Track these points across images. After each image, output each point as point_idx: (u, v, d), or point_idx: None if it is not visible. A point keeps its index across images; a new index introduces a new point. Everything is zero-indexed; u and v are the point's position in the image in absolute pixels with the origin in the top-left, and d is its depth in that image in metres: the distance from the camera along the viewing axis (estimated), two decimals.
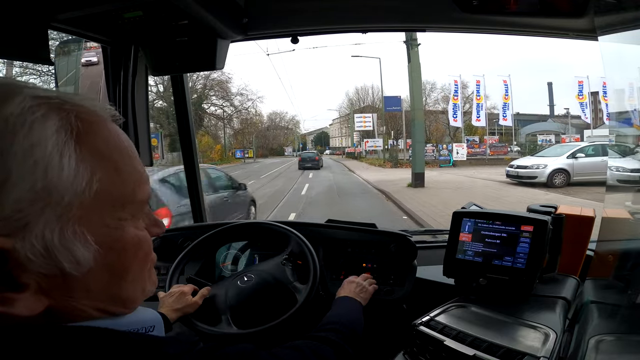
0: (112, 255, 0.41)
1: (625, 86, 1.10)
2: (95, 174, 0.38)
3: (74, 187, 0.37)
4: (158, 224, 0.50)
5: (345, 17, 1.35)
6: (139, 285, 0.46)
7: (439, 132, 36.61)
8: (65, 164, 0.36)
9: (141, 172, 0.45)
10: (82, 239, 0.38)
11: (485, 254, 1.08)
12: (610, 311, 0.93)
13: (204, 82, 37.93)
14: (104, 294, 0.42)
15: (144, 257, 0.46)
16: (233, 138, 46.74)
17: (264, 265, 1.33)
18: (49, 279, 0.37)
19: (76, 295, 0.39)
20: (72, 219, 0.37)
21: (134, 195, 0.43)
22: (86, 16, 1.13)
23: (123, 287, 0.43)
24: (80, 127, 0.38)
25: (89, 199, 0.38)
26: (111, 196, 0.40)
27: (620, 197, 1.31)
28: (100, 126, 0.41)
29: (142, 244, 0.45)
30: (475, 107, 23.03)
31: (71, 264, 0.37)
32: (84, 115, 0.40)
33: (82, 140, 0.38)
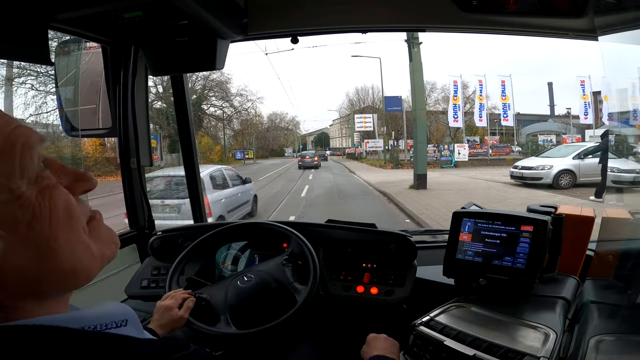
0: (21, 228, 0.36)
1: (627, 86, 1.10)
2: None
3: None
4: (82, 177, 0.44)
5: (345, 17, 1.35)
6: (80, 250, 0.40)
7: (439, 132, 36.60)
8: None
9: (10, 128, 0.38)
10: None
11: (485, 254, 1.08)
12: (610, 311, 0.93)
13: (203, 82, 37.96)
14: (39, 270, 0.38)
15: (67, 217, 0.39)
16: (233, 139, 46.76)
17: (264, 265, 1.33)
18: None
19: (10, 283, 0.36)
20: None
21: (11, 158, 0.37)
22: (86, 16, 1.14)
23: (60, 257, 0.38)
24: None
25: None
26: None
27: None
28: None
29: (54, 203, 0.39)
30: (478, 107, 23.01)
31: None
32: None
33: None
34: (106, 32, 1.33)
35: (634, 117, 1.15)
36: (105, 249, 0.44)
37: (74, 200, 0.42)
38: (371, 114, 36.74)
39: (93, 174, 0.45)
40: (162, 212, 5.69)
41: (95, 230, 0.44)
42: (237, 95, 41.98)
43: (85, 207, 0.44)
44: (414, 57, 13.19)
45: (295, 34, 1.42)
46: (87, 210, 0.44)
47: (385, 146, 32.93)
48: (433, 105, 37.71)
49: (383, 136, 34.27)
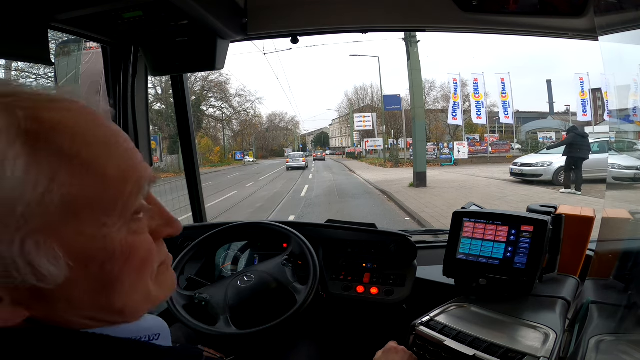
0: (93, 266, 0.36)
1: (627, 83, 1.10)
2: (56, 179, 0.33)
3: (25, 196, 0.32)
4: (171, 224, 0.46)
5: (345, 17, 1.35)
6: (138, 294, 0.41)
7: (439, 130, 36.61)
8: (9, 173, 0.31)
9: (129, 167, 0.39)
10: (48, 252, 0.34)
11: (485, 254, 1.08)
12: (610, 311, 0.93)
13: (202, 83, 38.02)
14: (91, 304, 0.38)
15: (141, 264, 0.40)
16: (232, 140, 46.78)
17: (264, 265, 1.33)
18: (21, 292, 0.34)
19: (58, 307, 0.36)
20: (34, 231, 0.33)
21: (118, 198, 0.38)
22: (86, 16, 1.13)
23: (115, 297, 0.39)
24: (35, 128, 0.34)
25: (54, 206, 0.33)
26: (87, 201, 0.35)
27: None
28: (67, 121, 0.36)
29: (136, 250, 0.39)
30: (475, 105, 23.00)
31: (37, 279, 0.33)
32: (44, 113, 0.35)
33: (36, 141, 0.33)
34: (106, 32, 1.33)
35: (634, 114, 1.15)
36: (161, 294, 0.45)
37: (154, 248, 0.43)
38: (370, 113, 36.81)
39: None
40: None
41: (162, 276, 0.45)
42: (236, 95, 42.15)
43: (163, 251, 0.46)
44: (412, 55, 13.18)
45: (295, 34, 1.42)
46: (163, 254, 0.46)
47: (385, 145, 32.97)
48: (432, 104, 37.83)
49: (383, 135, 34.29)
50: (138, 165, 0.40)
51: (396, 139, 35.02)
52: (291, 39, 1.44)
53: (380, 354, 0.97)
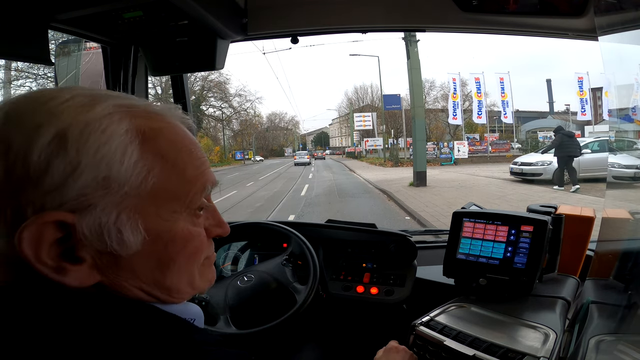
0: (159, 243, 0.45)
1: (627, 83, 1.10)
2: (152, 171, 0.44)
3: (132, 180, 0.42)
4: (221, 225, 0.56)
5: (345, 17, 1.35)
6: (185, 277, 0.49)
7: (439, 130, 36.62)
8: (126, 161, 0.42)
9: (200, 172, 0.49)
10: (133, 225, 0.42)
11: (485, 254, 1.08)
12: (610, 311, 0.93)
13: (202, 83, 38.01)
14: (148, 277, 0.46)
15: (194, 252, 0.49)
16: (232, 139, 46.77)
17: (264, 265, 1.33)
18: (102, 257, 0.42)
19: (123, 275, 0.44)
20: (129, 207, 0.42)
21: (188, 193, 0.47)
22: (86, 16, 1.13)
23: (167, 275, 0.47)
24: (146, 132, 0.44)
25: (146, 191, 0.43)
26: (166, 191, 0.45)
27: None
28: (165, 131, 0.47)
29: (192, 239, 0.48)
30: (476, 105, 23.01)
31: (119, 244, 0.42)
32: (153, 122, 0.46)
33: (146, 142, 0.44)
34: (106, 32, 1.32)
35: (633, 113, 1.15)
36: (202, 284, 0.53)
37: (206, 242, 0.52)
38: (370, 113, 36.79)
39: None
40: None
41: (205, 268, 0.54)
42: (236, 95, 42.17)
43: (211, 248, 0.55)
44: (412, 55, 13.18)
45: (295, 34, 1.42)
46: (210, 251, 0.55)
47: (385, 144, 32.97)
48: (432, 103, 37.88)
49: (382, 134, 34.28)
50: (206, 170, 0.50)
51: (396, 139, 35.01)
52: (291, 39, 1.44)
53: (381, 353, 0.97)
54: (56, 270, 0.40)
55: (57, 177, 0.39)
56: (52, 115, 0.41)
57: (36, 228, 0.38)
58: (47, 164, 0.39)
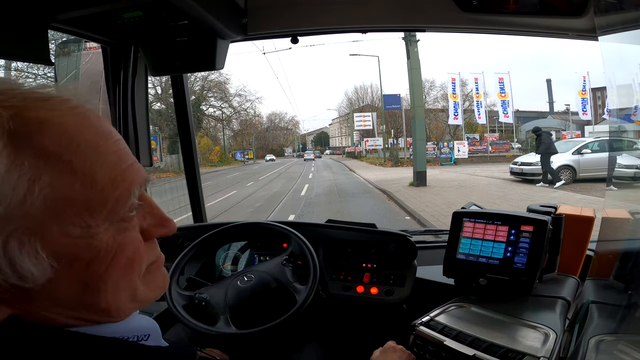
0: (78, 265, 0.36)
1: (627, 83, 1.10)
2: (39, 180, 0.33)
3: (7, 196, 0.32)
4: (164, 223, 0.45)
5: (345, 17, 1.35)
6: (124, 293, 0.41)
7: (439, 130, 36.62)
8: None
9: (120, 172, 0.39)
10: (31, 253, 0.33)
11: (485, 254, 1.08)
12: (610, 311, 0.93)
13: (201, 83, 38.04)
14: (75, 303, 0.38)
15: (128, 264, 0.40)
16: (232, 139, 46.79)
17: (264, 265, 1.33)
18: (2, 290, 0.34)
19: (42, 305, 0.36)
20: (17, 231, 0.33)
21: (106, 201, 0.37)
22: (86, 16, 1.13)
23: (100, 297, 0.38)
24: (18, 128, 0.33)
25: (37, 208, 0.33)
26: (72, 203, 0.35)
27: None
28: (53, 122, 0.35)
29: (123, 249, 0.39)
30: (476, 105, 23.00)
31: (19, 277, 0.33)
32: (32, 112, 0.35)
33: (19, 142, 0.33)
34: (106, 32, 1.32)
35: (634, 113, 1.15)
36: (150, 294, 0.44)
37: (143, 248, 0.42)
38: (370, 113, 36.78)
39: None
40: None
41: (151, 275, 0.45)
42: (236, 95, 42.20)
43: (154, 251, 0.46)
44: (412, 54, 13.18)
45: (295, 34, 1.42)
46: (154, 255, 0.45)
47: (385, 144, 32.97)
48: (432, 103, 37.88)
49: (382, 134, 34.27)
50: (128, 169, 0.40)
51: (396, 139, 34.99)
52: (291, 39, 1.44)
53: (378, 353, 0.97)
54: None
55: None
56: None
57: None
58: None
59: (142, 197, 0.44)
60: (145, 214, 0.44)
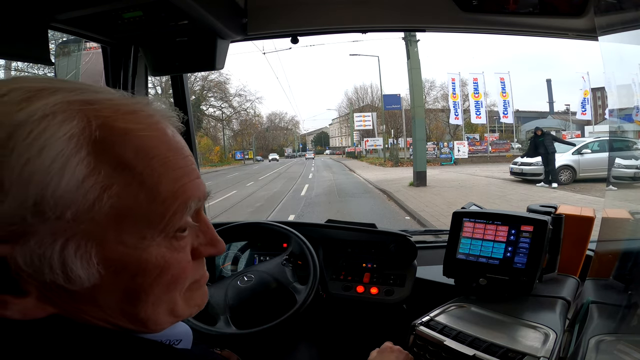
0: (124, 275, 0.37)
1: (627, 83, 1.10)
2: (110, 189, 0.35)
3: (78, 202, 0.33)
4: (213, 244, 0.46)
5: (345, 17, 1.35)
6: (164, 307, 0.41)
7: (439, 130, 36.65)
8: (68, 178, 0.33)
9: (181, 186, 0.39)
10: (84, 257, 0.35)
11: (485, 254, 1.08)
12: (610, 311, 0.93)
13: (202, 83, 38.06)
14: (115, 310, 0.39)
15: (172, 281, 0.41)
16: (232, 139, 46.81)
17: (264, 265, 1.33)
18: (52, 289, 0.35)
19: (84, 308, 0.37)
20: (78, 235, 0.34)
21: (164, 215, 0.38)
22: (86, 16, 1.13)
23: (140, 307, 0.39)
24: (103, 136, 0.35)
25: (102, 215, 0.35)
26: (132, 213, 0.36)
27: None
28: (134, 134, 0.37)
29: (170, 267, 0.39)
30: (475, 105, 23.00)
31: (67, 279, 0.35)
32: (119, 123, 0.36)
33: (101, 151, 0.35)
34: (106, 32, 1.32)
35: (636, 113, 1.15)
36: (188, 310, 0.45)
37: (190, 267, 0.43)
38: (370, 113, 36.80)
39: None
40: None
41: (191, 293, 0.45)
42: (236, 95, 42.28)
43: (200, 270, 0.46)
44: (412, 55, 13.18)
45: (295, 34, 1.42)
46: (199, 273, 0.46)
47: (385, 144, 32.98)
48: (432, 103, 37.91)
49: (382, 134, 34.28)
50: (190, 184, 0.40)
51: (396, 139, 35.01)
52: (291, 39, 1.44)
53: (375, 353, 0.97)
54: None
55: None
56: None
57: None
58: None
59: (199, 216, 0.44)
60: (198, 233, 0.45)
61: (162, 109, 0.42)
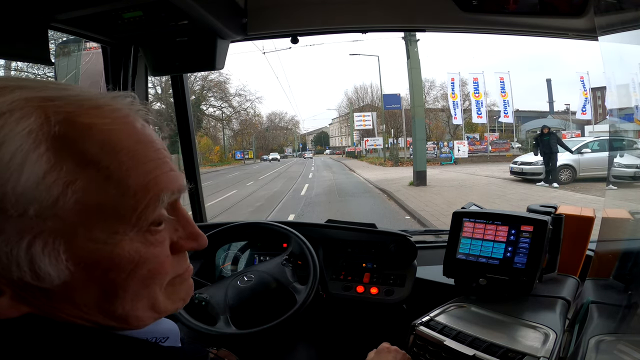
0: (96, 271, 0.36)
1: (627, 82, 1.10)
2: (73, 184, 0.34)
3: (40, 199, 0.33)
4: (194, 237, 0.45)
5: (345, 17, 1.35)
6: (143, 302, 0.41)
7: (439, 129, 36.64)
8: (27, 173, 0.33)
9: (152, 178, 0.39)
10: (52, 254, 0.34)
11: (485, 254, 1.08)
12: (610, 311, 0.93)
13: (201, 83, 38.07)
14: (91, 307, 0.38)
15: (149, 276, 0.40)
16: (232, 139, 46.83)
17: (264, 265, 1.33)
18: (24, 288, 0.35)
19: (60, 306, 0.37)
20: (43, 232, 0.34)
21: (135, 208, 0.38)
22: (86, 16, 1.13)
23: (117, 304, 0.39)
24: (64, 132, 0.35)
25: (67, 211, 0.34)
26: (100, 208, 0.36)
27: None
28: (98, 128, 0.36)
29: (145, 261, 0.39)
30: (475, 104, 23.00)
31: (36, 277, 0.34)
32: (82, 118, 0.36)
33: (62, 146, 0.34)
34: (106, 32, 1.32)
35: (636, 113, 1.15)
36: (171, 305, 0.44)
37: (169, 261, 0.42)
38: (370, 112, 36.77)
39: None
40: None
41: (174, 287, 0.45)
42: (235, 95, 42.28)
43: (182, 263, 0.45)
44: (412, 54, 13.16)
45: (295, 34, 1.42)
46: (181, 267, 0.45)
47: (385, 144, 32.96)
48: (432, 103, 37.86)
49: (382, 134, 34.27)
50: (162, 176, 0.40)
51: (396, 138, 34.99)
52: (291, 39, 1.44)
53: (372, 354, 0.97)
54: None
55: None
56: None
57: None
58: None
59: (177, 209, 0.44)
60: (177, 227, 0.44)
61: (130, 102, 0.41)
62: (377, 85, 44.88)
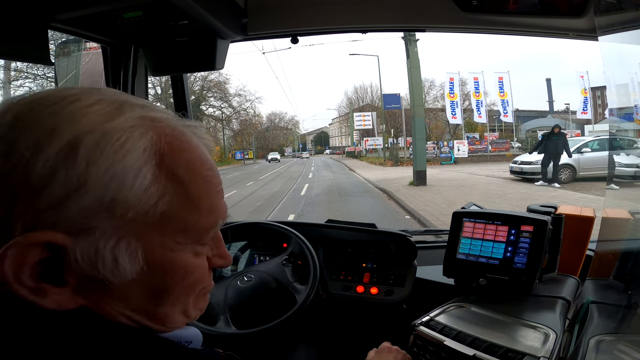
0: (157, 274, 0.41)
1: (627, 82, 1.10)
2: (164, 197, 0.40)
3: (140, 205, 0.38)
4: (223, 257, 0.51)
5: (345, 17, 1.35)
6: (179, 307, 0.46)
7: (438, 129, 36.65)
8: (138, 183, 0.38)
9: (213, 202, 0.45)
10: (132, 254, 0.39)
11: (485, 254, 1.08)
12: (610, 311, 0.93)
13: (201, 83, 38.04)
14: (139, 307, 0.42)
15: (192, 284, 0.46)
16: (232, 139, 46.80)
17: (264, 265, 1.33)
18: (89, 281, 0.38)
19: (112, 302, 0.40)
20: (131, 234, 0.39)
21: (198, 223, 0.43)
22: (86, 16, 1.13)
23: (160, 305, 0.43)
24: (166, 151, 0.40)
25: (154, 219, 0.39)
26: (175, 220, 0.41)
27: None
28: (187, 152, 0.42)
29: (193, 271, 0.45)
30: (476, 104, 22.99)
31: (112, 273, 0.38)
32: (176, 141, 0.42)
33: (164, 163, 0.40)
34: (106, 32, 1.32)
35: (636, 112, 1.15)
36: (193, 313, 0.49)
37: (207, 273, 0.48)
38: (370, 112, 36.78)
39: None
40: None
41: (200, 298, 0.50)
42: (235, 95, 42.26)
43: (210, 278, 0.51)
44: (411, 54, 13.16)
45: (295, 34, 1.42)
46: (209, 281, 0.51)
47: (385, 144, 32.96)
48: (432, 103, 37.92)
49: (382, 134, 34.27)
50: (222, 204, 0.47)
51: (396, 138, 34.97)
52: (291, 39, 1.44)
53: (372, 353, 0.97)
54: (34, 291, 0.36)
55: (58, 193, 0.34)
56: (72, 119, 0.36)
57: (23, 248, 0.34)
58: (51, 176, 0.34)
59: (216, 230, 0.50)
60: (212, 245, 0.49)
61: (201, 132, 0.47)
62: (376, 85, 44.93)
